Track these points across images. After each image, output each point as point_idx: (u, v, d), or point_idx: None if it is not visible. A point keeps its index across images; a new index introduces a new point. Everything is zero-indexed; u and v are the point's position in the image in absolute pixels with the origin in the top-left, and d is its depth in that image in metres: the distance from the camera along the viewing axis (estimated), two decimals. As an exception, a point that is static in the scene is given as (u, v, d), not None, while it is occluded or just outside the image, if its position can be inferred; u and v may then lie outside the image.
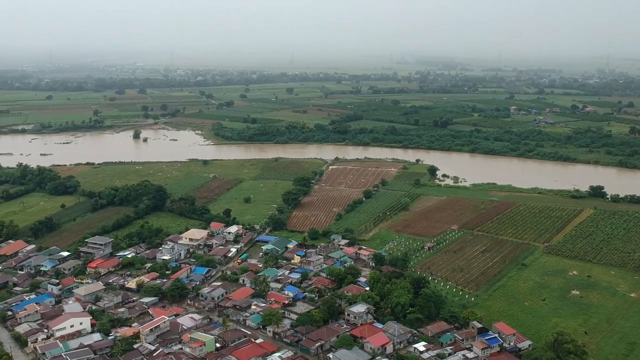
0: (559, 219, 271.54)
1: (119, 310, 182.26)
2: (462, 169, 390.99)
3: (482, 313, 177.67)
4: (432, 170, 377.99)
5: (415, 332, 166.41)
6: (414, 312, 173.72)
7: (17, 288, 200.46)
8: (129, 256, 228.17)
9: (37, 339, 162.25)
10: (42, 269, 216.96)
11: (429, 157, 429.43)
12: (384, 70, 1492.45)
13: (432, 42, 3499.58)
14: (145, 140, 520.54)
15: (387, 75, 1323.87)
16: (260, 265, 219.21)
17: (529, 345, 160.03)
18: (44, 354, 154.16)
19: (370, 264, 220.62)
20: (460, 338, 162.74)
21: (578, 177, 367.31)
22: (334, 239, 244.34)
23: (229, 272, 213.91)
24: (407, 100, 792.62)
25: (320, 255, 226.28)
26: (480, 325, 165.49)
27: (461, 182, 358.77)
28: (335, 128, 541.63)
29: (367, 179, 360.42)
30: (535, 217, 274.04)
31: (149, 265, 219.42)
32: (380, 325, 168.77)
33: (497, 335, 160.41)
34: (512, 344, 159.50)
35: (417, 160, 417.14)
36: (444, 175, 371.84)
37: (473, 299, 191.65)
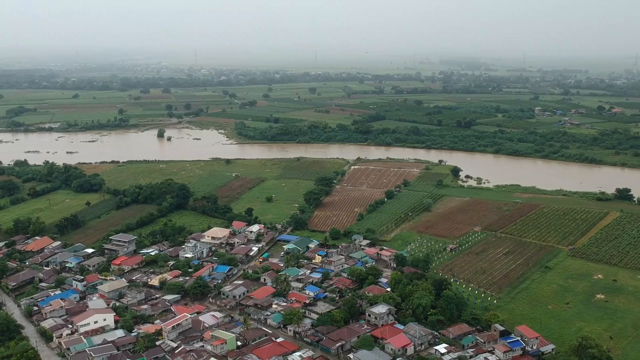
0: (584, 221, 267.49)
1: (142, 307, 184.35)
2: (485, 170, 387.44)
3: (505, 316, 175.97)
4: (455, 171, 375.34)
5: (437, 334, 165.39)
6: (435, 314, 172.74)
7: (43, 284, 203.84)
8: (152, 254, 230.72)
9: (62, 334, 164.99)
10: (67, 265, 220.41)
11: (452, 158, 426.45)
12: (407, 70, 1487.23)
13: (456, 42, 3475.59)
14: (169, 139, 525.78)
15: (410, 75, 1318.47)
16: (282, 265, 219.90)
17: (552, 349, 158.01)
18: (68, 349, 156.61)
19: (392, 264, 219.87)
20: (482, 341, 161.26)
21: (604, 179, 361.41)
22: (355, 239, 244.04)
23: (250, 271, 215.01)
24: (430, 100, 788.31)
25: (342, 255, 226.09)
26: (502, 328, 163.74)
27: (484, 183, 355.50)
28: (357, 128, 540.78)
29: (389, 180, 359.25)
30: (559, 220, 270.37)
31: (171, 263, 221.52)
32: (401, 327, 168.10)
33: (519, 338, 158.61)
34: (534, 347, 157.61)
35: (440, 161, 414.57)
36: (467, 176, 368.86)
37: (495, 301, 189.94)
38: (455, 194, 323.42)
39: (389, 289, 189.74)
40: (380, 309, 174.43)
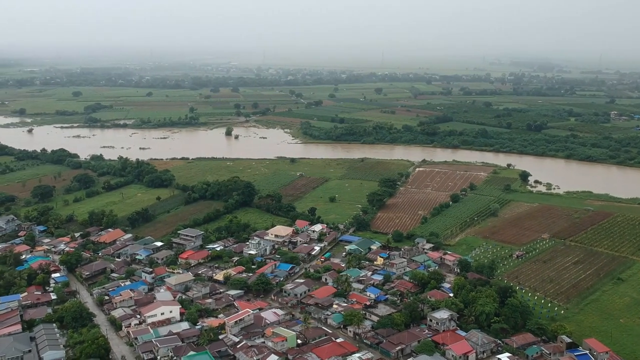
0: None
1: (207, 301, 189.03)
2: (555, 175, 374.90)
3: (572, 327, 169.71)
4: (524, 175, 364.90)
5: (500, 342, 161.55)
6: (499, 322, 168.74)
7: (114, 274, 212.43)
8: (218, 249, 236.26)
9: (130, 324, 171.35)
10: (137, 257, 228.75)
11: (521, 162, 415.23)
12: (476, 71, 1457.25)
13: (527, 41, 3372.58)
14: (236, 137, 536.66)
15: (479, 77, 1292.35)
16: (343, 265, 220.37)
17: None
18: (136, 338, 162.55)
19: (455, 270, 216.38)
20: (548, 352, 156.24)
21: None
22: (418, 243, 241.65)
23: (312, 270, 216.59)
24: (500, 102, 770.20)
25: (404, 258, 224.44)
26: (569, 340, 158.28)
27: (554, 189, 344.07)
28: (423, 129, 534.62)
29: (455, 183, 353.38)
30: (634, 229, 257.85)
31: (236, 258, 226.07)
32: (463, 333, 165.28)
33: (587, 352, 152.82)
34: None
35: (508, 165, 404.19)
36: (536, 182, 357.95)
37: (563, 312, 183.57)
38: (524, 200, 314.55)
39: (451, 295, 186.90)
40: (442, 314, 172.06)
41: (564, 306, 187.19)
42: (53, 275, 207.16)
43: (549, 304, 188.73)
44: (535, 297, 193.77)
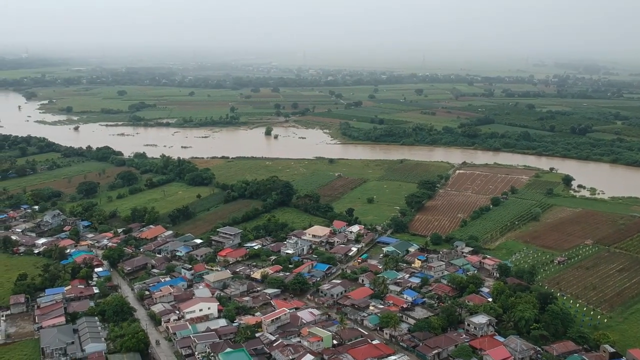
0: None
1: (244, 298, 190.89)
2: (600, 180, 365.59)
3: (616, 337, 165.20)
4: (567, 179, 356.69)
5: (539, 349, 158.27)
6: (538, 329, 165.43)
7: (154, 270, 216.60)
8: (256, 248, 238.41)
9: (169, 319, 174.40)
10: (177, 254, 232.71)
11: (564, 166, 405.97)
12: (519, 73, 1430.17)
13: (573, 44, 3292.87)
14: (275, 137, 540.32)
15: (522, 78, 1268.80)
16: (380, 267, 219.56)
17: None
18: (174, 333, 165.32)
19: (494, 274, 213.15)
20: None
21: None
22: (457, 246, 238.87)
23: (348, 271, 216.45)
24: (543, 104, 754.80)
25: (442, 261, 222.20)
26: (612, 350, 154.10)
27: (598, 194, 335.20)
28: (464, 131, 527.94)
29: (496, 186, 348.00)
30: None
31: (273, 257, 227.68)
32: (501, 339, 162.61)
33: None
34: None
35: (551, 169, 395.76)
36: (579, 186, 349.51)
37: (606, 320, 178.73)
38: (566, 204, 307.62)
39: (490, 299, 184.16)
40: (481, 319, 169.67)
41: (607, 315, 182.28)
42: (96, 269, 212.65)
43: (592, 312, 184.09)
44: (577, 305, 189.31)
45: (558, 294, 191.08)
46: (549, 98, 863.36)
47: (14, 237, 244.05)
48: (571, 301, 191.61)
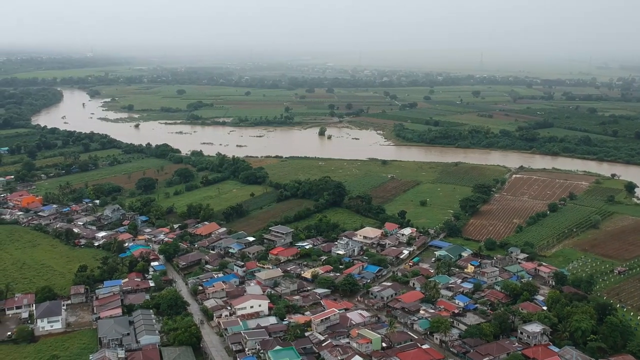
0: None
1: (294, 297, 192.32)
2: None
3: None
4: (630, 187, 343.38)
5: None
6: (596, 340, 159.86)
7: (208, 266, 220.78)
8: (307, 247, 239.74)
9: (221, 315, 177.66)
10: (230, 250, 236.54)
11: (627, 173, 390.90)
12: (580, 76, 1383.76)
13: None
14: (329, 137, 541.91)
15: (584, 81, 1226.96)
16: (432, 271, 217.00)
17: None
18: (226, 329, 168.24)
19: (550, 282, 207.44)
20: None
21: None
22: (511, 252, 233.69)
23: (399, 274, 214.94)
24: (606, 108, 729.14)
25: (496, 267, 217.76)
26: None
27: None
28: (522, 135, 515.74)
29: (554, 192, 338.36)
30: None
31: (324, 257, 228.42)
32: (555, 349, 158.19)
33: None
34: None
35: (613, 175, 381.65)
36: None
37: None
38: (629, 212, 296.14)
39: (544, 308, 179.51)
40: (535, 327, 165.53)
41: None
42: (152, 263, 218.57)
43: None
44: (639, 317, 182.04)
45: (618, 305, 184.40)
46: (612, 102, 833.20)
47: (75, 230, 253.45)
48: (632, 313, 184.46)
